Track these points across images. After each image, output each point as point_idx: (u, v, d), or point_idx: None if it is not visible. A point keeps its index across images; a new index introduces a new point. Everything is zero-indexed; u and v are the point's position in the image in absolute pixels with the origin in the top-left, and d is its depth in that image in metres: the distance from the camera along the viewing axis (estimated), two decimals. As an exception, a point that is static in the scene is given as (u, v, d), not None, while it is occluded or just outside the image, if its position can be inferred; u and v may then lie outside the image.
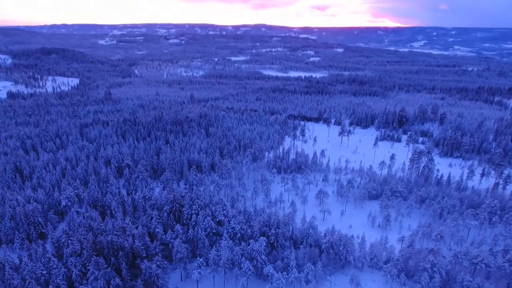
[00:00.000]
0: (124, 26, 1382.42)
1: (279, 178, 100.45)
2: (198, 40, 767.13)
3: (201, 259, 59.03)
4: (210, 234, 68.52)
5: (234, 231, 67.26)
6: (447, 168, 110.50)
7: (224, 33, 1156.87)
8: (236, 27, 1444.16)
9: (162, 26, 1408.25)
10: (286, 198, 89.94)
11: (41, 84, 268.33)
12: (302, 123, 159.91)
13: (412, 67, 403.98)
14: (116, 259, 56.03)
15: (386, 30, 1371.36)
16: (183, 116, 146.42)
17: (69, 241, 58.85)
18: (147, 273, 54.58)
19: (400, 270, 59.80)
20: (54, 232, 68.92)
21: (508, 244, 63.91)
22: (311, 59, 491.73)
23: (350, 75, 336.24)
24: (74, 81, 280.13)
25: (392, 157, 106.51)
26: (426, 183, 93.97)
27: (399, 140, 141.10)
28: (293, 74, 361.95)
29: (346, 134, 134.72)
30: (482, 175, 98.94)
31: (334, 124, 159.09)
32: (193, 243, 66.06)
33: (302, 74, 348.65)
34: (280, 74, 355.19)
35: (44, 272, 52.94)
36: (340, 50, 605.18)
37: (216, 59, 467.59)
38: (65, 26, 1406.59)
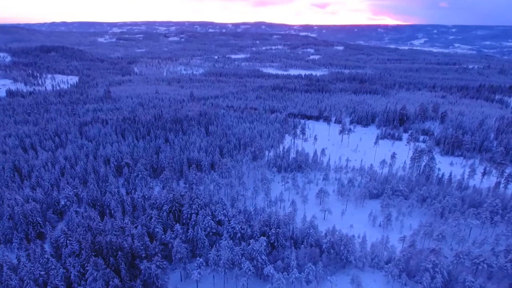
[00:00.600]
0: (124, 24, 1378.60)
1: (279, 177, 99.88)
2: (198, 38, 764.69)
3: (201, 259, 58.52)
4: (210, 233, 68.03)
5: (234, 230, 66.84)
6: (448, 167, 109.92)
7: (224, 30, 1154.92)
8: (236, 25, 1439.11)
9: (162, 23, 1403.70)
10: (286, 197, 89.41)
11: (40, 82, 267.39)
12: (302, 121, 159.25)
13: (412, 65, 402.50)
14: (115, 259, 55.53)
15: (386, 28, 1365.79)
16: (183, 114, 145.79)
17: (68, 241, 58.34)
18: (146, 274, 54.13)
19: (402, 270, 59.38)
20: (53, 231, 68.39)
21: (510, 244, 63.28)
22: (311, 57, 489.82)
23: (350, 73, 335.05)
24: (74, 79, 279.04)
25: (393, 156, 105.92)
26: (427, 182, 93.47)
27: (400, 139, 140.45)
28: (293, 72, 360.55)
29: (346, 132, 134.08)
30: (484, 174, 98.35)
31: (335, 123, 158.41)
32: (192, 243, 65.60)
33: (302, 72, 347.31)
34: (280, 72, 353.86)
35: (43, 272, 52.44)
36: (340, 48, 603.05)
37: (216, 57, 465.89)
38: (64, 23, 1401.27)
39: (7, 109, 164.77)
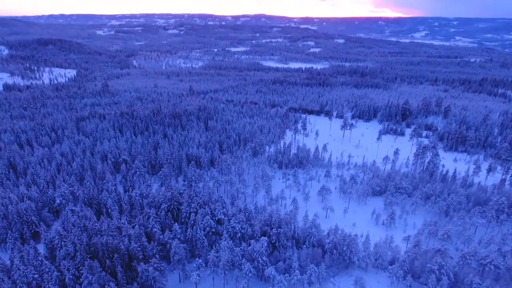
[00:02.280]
0: (123, 16, 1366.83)
1: (280, 174, 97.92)
2: (197, 30, 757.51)
3: (200, 260, 56.69)
4: (210, 233, 66.23)
5: (234, 230, 65.13)
6: (452, 163, 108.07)
7: (223, 23, 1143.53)
8: (236, 17, 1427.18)
9: (161, 16, 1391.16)
10: (287, 194, 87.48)
11: (37, 76, 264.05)
12: (303, 116, 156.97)
13: (413, 58, 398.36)
14: (111, 261, 53.70)
15: (387, 20, 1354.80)
16: (182, 109, 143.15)
17: (62, 243, 56.46)
18: (143, 276, 52.36)
19: (406, 271, 57.79)
20: (48, 231, 66.36)
21: (517, 244, 61.85)
22: (312, 50, 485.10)
23: (351, 66, 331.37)
24: (71, 73, 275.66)
25: (396, 152, 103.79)
26: (431, 179, 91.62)
27: (402, 134, 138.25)
28: (293, 65, 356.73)
29: (348, 127, 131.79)
30: (489, 170, 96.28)
31: (336, 117, 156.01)
32: (191, 243, 63.83)
33: (303, 65, 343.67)
34: (280, 65, 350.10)
35: (36, 275, 50.64)
36: (341, 40, 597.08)
37: (215, 50, 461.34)
38: (62, 16, 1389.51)
39: (3, 104, 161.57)
